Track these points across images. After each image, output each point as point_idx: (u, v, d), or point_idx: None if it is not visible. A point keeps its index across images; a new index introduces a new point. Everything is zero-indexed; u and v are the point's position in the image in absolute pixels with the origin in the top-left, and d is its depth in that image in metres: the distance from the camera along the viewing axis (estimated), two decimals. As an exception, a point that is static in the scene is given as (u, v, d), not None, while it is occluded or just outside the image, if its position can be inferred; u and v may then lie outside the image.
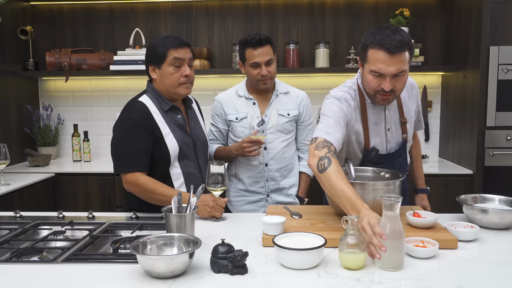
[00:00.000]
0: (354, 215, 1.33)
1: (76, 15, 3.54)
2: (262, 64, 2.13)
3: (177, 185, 1.90)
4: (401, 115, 1.86)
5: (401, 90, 1.69)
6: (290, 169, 2.30)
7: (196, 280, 1.22)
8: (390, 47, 1.56)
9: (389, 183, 1.63)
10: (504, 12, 2.77)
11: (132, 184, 1.80)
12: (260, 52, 2.12)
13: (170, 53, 1.84)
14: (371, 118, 1.80)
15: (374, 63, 1.61)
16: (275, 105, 2.26)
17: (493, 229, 1.64)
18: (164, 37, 1.89)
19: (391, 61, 1.58)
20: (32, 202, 2.78)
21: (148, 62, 1.90)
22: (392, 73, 1.60)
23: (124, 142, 1.82)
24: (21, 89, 3.38)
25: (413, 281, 1.22)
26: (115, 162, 1.86)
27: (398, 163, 1.91)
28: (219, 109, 2.29)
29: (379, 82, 1.63)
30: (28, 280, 1.24)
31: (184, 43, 1.88)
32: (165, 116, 1.88)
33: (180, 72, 1.86)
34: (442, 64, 3.41)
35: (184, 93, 1.90)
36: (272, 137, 2.24)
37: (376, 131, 1.83)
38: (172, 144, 1.86)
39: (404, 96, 1.88)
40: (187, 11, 3.50)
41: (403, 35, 1.59)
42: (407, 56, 1.60)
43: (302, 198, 2.30)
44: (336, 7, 3.45)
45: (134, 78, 3.54)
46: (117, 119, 1.88)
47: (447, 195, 2.92)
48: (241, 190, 2.29)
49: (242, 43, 2.17)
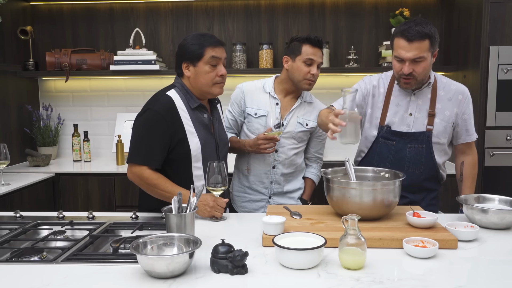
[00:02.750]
0: (354, 215, 1.33)
1: (76, 15, 3.54)
2: (316, 63, 2.13)
3: (199, 185, 1.86)
4: (431, 107, 1.98)
5: (422, 75, 1.88)
6: (296, 176, 2.30)
7: (196, 280, 1.22)
8: (409, 35, 1.81)
9: (389, 183, 1.63)
10: (504, 12, 2.77)
11: (135, 175, 1.79)
12: (317, 52, 2.13)
13: (208, 52, 1.81)
14: (394, 99, 2.01)
15: (396, 49, 1.88)
16: (296, 111, 2.23)
17: (493, 229, 1.64)
18: (200, 35, 1.85)
19: (409, 48, 1.82)
20: (32, 202, 2.78)
21: (181, 59, 1.86)
22: (410, 58, 1.83)
23: (141, 134, 1.80)
24: (21, 89, 3.39)
25: (413, 281, 1.22)
26: (129, 151, 1.84)
27: (412, 148, 1.97)
28: (240, 98, 2.25)
29: (401, 66, 1.88)
30: (28, 280, 1.24)
31: (221, 42, 1.86)
32: (191, 113, 1.85)
33: (216, 71, 1.83)
34: (442, 64, 3.41)
35: (218, 92, 1.88)
36: (285, 142, 2.22)
37: (396, 111, 2.00)
38: (195, 143, 1.83)
39: (443, 94, 1.99)
40: (187, 11, 3.50)
41: (424, 27, 1.81)
42: (427, 44, 1.82)
43: (305, 201, 2.29)
44: (336, 7, 3.45)
45: (134, 78, 3.54)
46: (141, 110, 1.84)
47: (447, 195, 2.91)
48: (245, 187, 2.29)
49: (302, 38, 2.14)
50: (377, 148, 2.03)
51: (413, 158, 1.98)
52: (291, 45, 2.19)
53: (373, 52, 3.48)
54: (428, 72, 1.92)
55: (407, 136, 1.98)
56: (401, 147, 1.99)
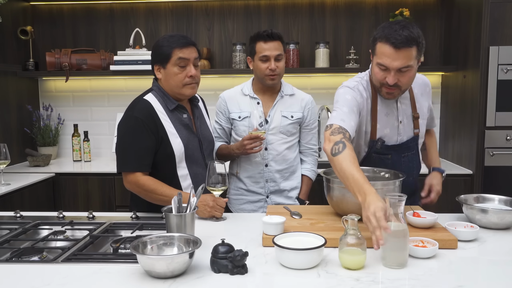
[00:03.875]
0: (354, 215, 1.33)
1: (76, 15, 3.54)
2: (272, 58, 2.14)
3: (185, 186, 1.88)
4: (413, 110, 1.87)
5: (407, 85, 1.70)
6: (292, 171, 2.30)
7: (196, 280, 1.22)
8: (396, 41, 1.58)
9: (389, 183, 1.63)
10: (504, 12, 2.77)
11: (132, 184, 1.80)
12: (270, 46, 2.13)
13: (175, 53, 1.81)
14: (381, 109, 1.82)
15: (380, 56, 1.64)
16: (279, 106, 2.26)
17: (492, 229, 1.64)
18: (170, 36, 1.85)
19: (396, 56, 1.60)
20: (32, 202, 2.79)
21: (153, 62, 1.88)
22: (396, 67, 1.62)
23: (126, 141, 1.80)
24: (21, 89, 3.39)
25: (413, 281, 1.22)
26: (117, 160, 1.85)
27: (406, 157, 1.89)
28: (223, 107, 2.29)
29: (384, 75, 1.67)
30: (28, 280, 1.24)
31: (190, 42, 1.85)
32: (170, 115, 1.86)
33: (185, 73, 1.83)
34: (442, 64, 3.41)
35: (189, 93, 1.88)
36: (273, 138, 2.24)
37: (386, 122, 1.83)
38: (177, 144, 1.84)
39: (417, 92, 1.89)
40: (187, 11, 3.50)
41: (411, 31, 1.60)
42: (414, 52, 1.62)
43: (303, 201, 2.29)
44: (336, 7, 3.45)
45: (134, 78, 3.54)
46: (122, 117, 1.85)
47: (447, 195, 2.91)
48: (241, 189, 2.29)
49: (254, 37, 2.18)
50: (370, 164, 1.86)
51: (407, 167, 1.89)
52: (249, 46, 2.23)
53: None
54: (412, 81, 1.73)
55: (401, 147, 1.87)
56: (396, 160, 1.87)
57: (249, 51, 2.24)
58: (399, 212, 1.30)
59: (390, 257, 1.29)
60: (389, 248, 1.29)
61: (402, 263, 1.30)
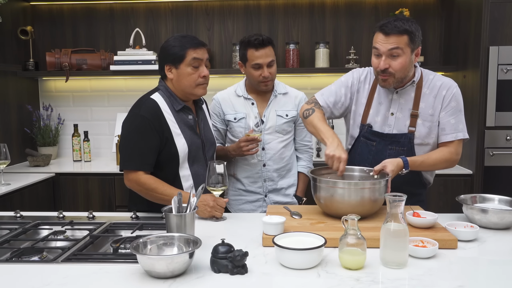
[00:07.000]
0: (354, 215, 1.33)
1: (76, 15, 3.54)
2: (264, 65, 2.13)
3: (187, 186, 1.88)
4: (414, 107, 1.87)
5: (400, 72, 1.80)
6: (289, 169, 2.30)
7: (196, 280, 1.22)
8: (386, 29, 1.77)
9: (375, 183, 1.64)
10: (504, 12, 2.77)
11: (133, 182, 1.80)
12: (262, 54, 2.12)
13: (189, 53, 1.81)
14: (377, 97, 1.94)
15: (374, 43, 1.82)
16: (273, 105, 2.26)
17: (492, 229, 1.64)
18: (181, 37, 1.86)
19: (386, 40, 1.77)
20: (32, 202, 2.79)
21: (164, 61, 1.86)
22: (386, 49, 1.77)
23: (131, 140, 1.80)
24: (21, 89, 3.39)
25: (413, 281, 1.22)
26: (120, 158, 1.84)
27: (393, 150, 1.87)
28: (218, 109, 2.29)
29: (378, 61, 1.82)
30: (28, 280, 1.24)
31: (202, 43, 1.86)
32: (176, 115, 1.86)
33: (198, 73, 1.84)
34: (442, 64, 3.41)
35: (201, 93, 1.89)
36: (270, 138, 2.24)
37: (378, 110, 1.93)
38: (181, 144, 1.84)
39: (426, 91, 1.87)
40: (187, 11, 3.50)
41: (404, 23, 1.76)
42: (405, 39, 1.76)
43: (300, 198, 2.30)
44: (336, 7, 3.45)
45: (134, 78, 3.54)
46: (127, 115, 1.85)
47: (447, 195, 2.92)
48: (240, 190, 2.29)
49: (244, 43, 2.16)
50: (358, 148, 1.96)
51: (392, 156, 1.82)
52: (240, 51, 2.21)
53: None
54: (406, 70, 1.80)
55: (388, 137, 1.89)
56: (381, 149, 1.89)
57: (240, 56, 2.22)
58: (399, 212, 1.30)
59: (390, 257, 1.30)
60: (389, 248, 1.29)
61: (402, 263, 1.30)
